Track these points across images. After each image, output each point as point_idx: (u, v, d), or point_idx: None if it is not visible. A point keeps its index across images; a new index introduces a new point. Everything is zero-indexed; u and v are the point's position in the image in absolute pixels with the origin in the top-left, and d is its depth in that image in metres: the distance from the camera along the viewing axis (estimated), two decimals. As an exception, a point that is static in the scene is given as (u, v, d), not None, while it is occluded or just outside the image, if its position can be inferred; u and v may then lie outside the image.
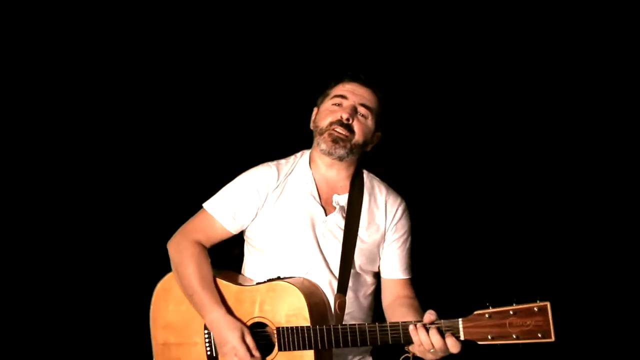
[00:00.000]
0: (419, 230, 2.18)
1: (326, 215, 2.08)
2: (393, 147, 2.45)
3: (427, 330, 1.71)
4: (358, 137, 2.06)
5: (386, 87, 2.17)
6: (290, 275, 2.02)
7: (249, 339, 1.92)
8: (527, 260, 2.73)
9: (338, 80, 2.13)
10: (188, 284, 2.04)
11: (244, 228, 2.13)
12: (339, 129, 2.04)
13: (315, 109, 2.19)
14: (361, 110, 2.07)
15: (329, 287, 2.03)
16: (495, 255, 2.77)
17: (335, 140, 2.03)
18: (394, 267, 2.11)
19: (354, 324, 1.84)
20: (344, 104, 2.07)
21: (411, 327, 1.73)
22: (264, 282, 2.00)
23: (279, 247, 2.07)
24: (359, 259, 2.07)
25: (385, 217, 2.11)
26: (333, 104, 2.09)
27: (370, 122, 2.09)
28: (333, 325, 1.86)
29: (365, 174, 2.18)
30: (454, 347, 1.69)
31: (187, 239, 2.10)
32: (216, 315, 1.97)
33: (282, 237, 2.06)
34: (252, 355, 1.90)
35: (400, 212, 2.13)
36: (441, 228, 2.33)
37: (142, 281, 2.21)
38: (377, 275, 2.17)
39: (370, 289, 2.15)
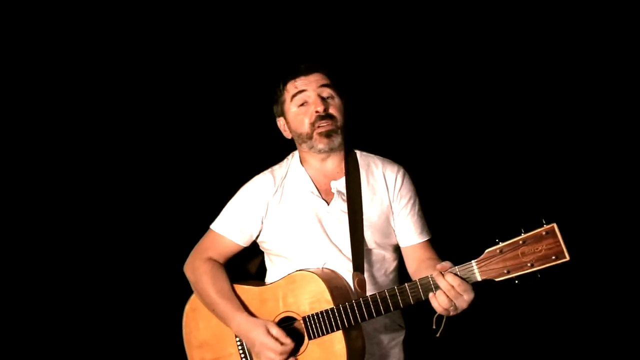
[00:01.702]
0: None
1: (328, 204, 2.11)
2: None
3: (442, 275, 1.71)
4: (339, 118, 2.10)
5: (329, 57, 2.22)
6: (308, 268, 2.04)
7: (274, 330, 1.94)
8: (523, 187, 2.69)
9: (284, 82, 2.15)
10: (208, 300, 2.09)
11: (253, 239, 2.17)
12: (324, 123, 2.07)
13: (279, 119, 2.21)
14: (324, 93, 2.11)
15: (346, 271, 2.04)
16: (490, 191, 2.73)
17: (329, 135, 2.07)
18: (409, 233, 2.10)
19: (375, 294, 1.84)
20: (309, 100, 2.10)
21: (435, 274, 1.73)
22: (284, 276, 2.02)
23: (293, 248, 2.10)
24: (371, 235, 2.07)
25: (386, 188, 2.12)
26: (299, 106, 2.11)
27: (337, 98, 2.13)
28: (355, 300, 1.87)
29: (358, 153, 2.20)
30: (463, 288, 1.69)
31: (200, 259, 2.16)
32: (239, 321, 2.01)
33: (293, 238, 2.09)
34: (282, 343, 1.91)
35: (400, 179, 2.13)
36: (429, 180, 2.33)
37: (170, 308, 2.26)
38: (397, 250, 2.16)
39: (392, 266, 2.14)
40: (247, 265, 2.30)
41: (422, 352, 2.20)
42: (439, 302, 1.72)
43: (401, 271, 2.16)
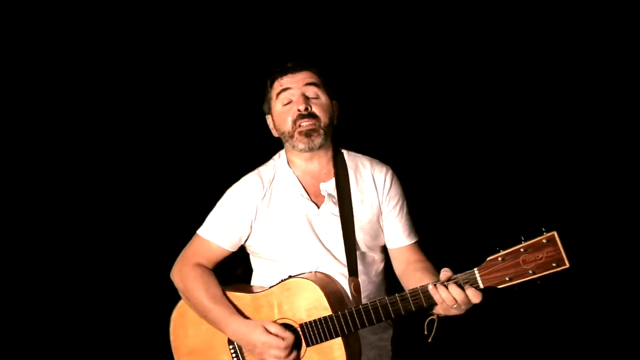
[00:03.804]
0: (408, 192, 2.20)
1: (318, 207, 2.09)
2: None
3: (446, 286, 1.72)
4: (323, 118, 2.06)
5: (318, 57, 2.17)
6: (301, 273, 2.02)
7: (272, 328, 1.92)
8: (523, 195, 2.75)
9: (272, 80, 2.12)
10: (200, 307, 2.04)
11: (242, 243, 2.13)
12: (305, 122, 2.03)
13: (267, 117, 2.18)
14: (309, 92, 2.07)
15: (340, 276, 2.03)
16: (491, 199, 2.78)
17: (308, 134, 2.04)
18: (398, 235, 2.11)
19: (374, 301, 1.85)
20: (293, 98, 2.06)
21: (430, 287, 1.75)
22: (277, 284, 2.00)
23: (283, 252, 2.07)
24: (361, 238, 2.07)
25: (375, 190, 2.12)
26: (283, 105, 2.08)
27: (323, 97, 2.09)
28: (354, 308, 1.87)
29: (346, 153, 2.18)
30: (475, 297, 1.71)
31: (188, 265, 2.10)
32: (235, 325, 1.98)
33: (284, 242, 2.07)
34: (283, 338, 1.90)
35: (388, 180, 2.13)
36: (428, 187, 2.35)
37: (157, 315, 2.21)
38: (384, 251, 2.17)
39: (381, 267, 2.15)
40: (232, 267, 2.26)
41: (411, 349, 2.22)
42: (447, 311, 1.74)
43: (387, 270, 2.18)
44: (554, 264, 1.65)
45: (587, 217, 2.71)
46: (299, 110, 2.04)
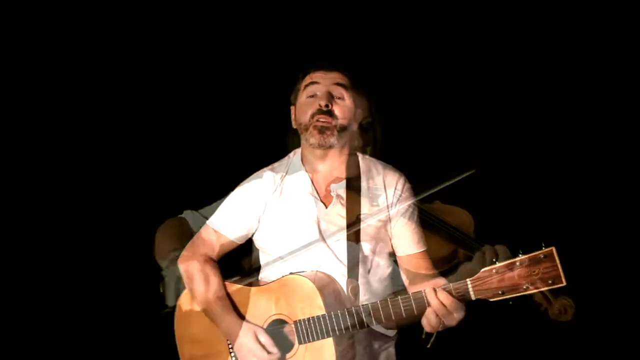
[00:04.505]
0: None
1: (326, 207, 2.09)
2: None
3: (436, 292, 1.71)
4: (341, 119, 2.06)
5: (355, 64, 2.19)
6: (302, 271, 2.02)
7: (263, 338, 1.94)
8: (524, 209, 2.67)
9: (305, 72, 2.14)
10: (200, 298, 2.08)
11: (249, 236, 2.16)
12: (322, 118, 2.04)
13: (292, 107, 2.20)
14: (336, 92, 2.08)
15: (341, 277, 2.02)
16: (491, 209, 2.71)
17: (321, 131, 2.04)
18: (406, 242, 2.08)
19: (367, 304, 1.83)
20: (318, 93, 2.08)
21: (422, 293, 1.72)
22: (277, 279, 2.01)
23: (287, 248, 2.08)
24: (367, 242, 2.05)
25: (386, 196, 2.09)
26: (308, 97, 2.10)
27: (348, 100, 2.09)
28: (347, 309, 1.85)
29: (360, 156, 2.17)
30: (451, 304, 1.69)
31: (194, 255, 2.14)
32: (229, 323, 2.01)
33: (289, 239, 2.08)
34: (269, 352, 1.91)
35: (400, 187, 2.10)
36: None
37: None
38: (392, 257, 2.14)
39: (386, 273, 2.13)
40: (240, 260, 2.29)
41: (415, 354, 2.18)
42: (427, 320, 1.71)
43: (394, 278, 2.15)
44: (550, 281, 1.59)
45: (588, 235, 2.60)
46: (319, 105, 2.06)
